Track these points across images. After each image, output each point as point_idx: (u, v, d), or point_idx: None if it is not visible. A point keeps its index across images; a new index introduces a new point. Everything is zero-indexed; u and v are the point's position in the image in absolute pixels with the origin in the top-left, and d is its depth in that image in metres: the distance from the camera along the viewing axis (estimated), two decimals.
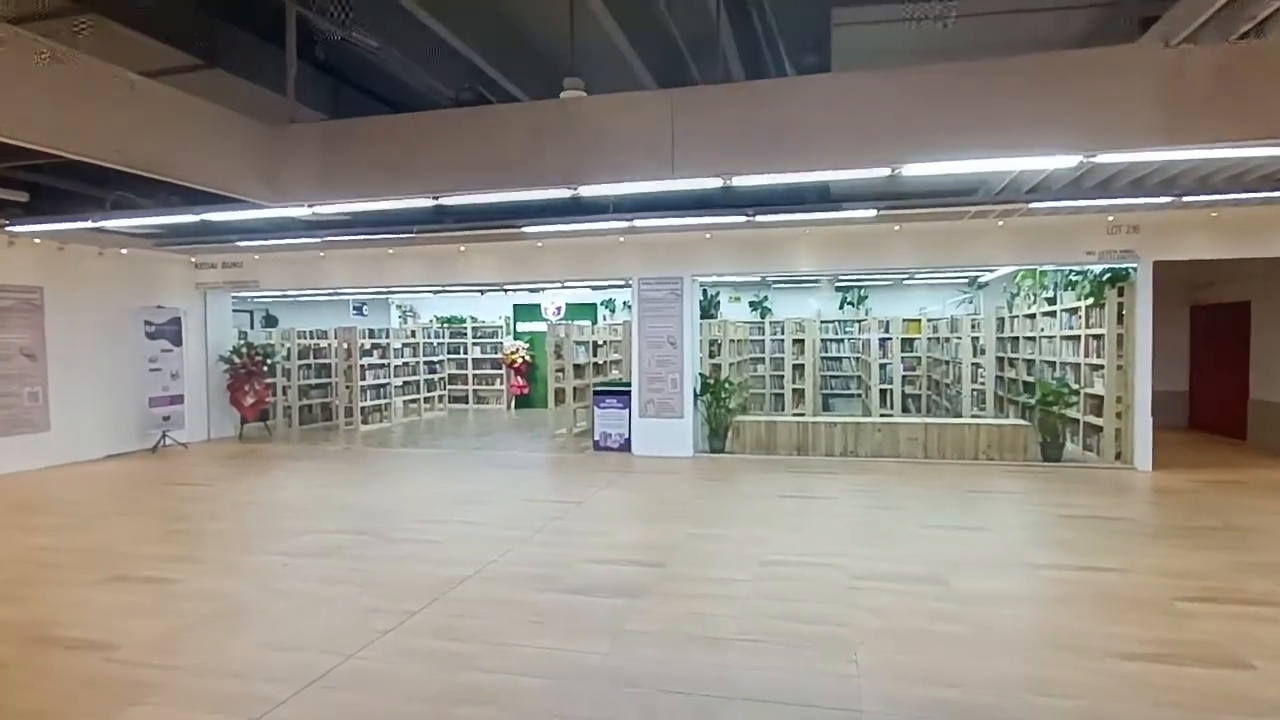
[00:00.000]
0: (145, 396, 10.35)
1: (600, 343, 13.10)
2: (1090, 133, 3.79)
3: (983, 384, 10.46)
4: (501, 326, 16.69)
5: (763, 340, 14.28)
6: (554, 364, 11.66)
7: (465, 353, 16.77)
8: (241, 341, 12.17)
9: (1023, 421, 9.11)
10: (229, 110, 4.42)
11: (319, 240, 8.46)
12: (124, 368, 10.18)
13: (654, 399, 9.71)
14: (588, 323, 14.95)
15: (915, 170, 4.86)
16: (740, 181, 5.21)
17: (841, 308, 14.88)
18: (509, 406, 16.40)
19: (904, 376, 11.10)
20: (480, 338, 16.81)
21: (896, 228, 8.68)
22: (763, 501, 6.93)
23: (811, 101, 4.09)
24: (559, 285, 14.51)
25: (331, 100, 5.27)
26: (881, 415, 10.40)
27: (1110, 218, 8.18)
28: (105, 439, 9.94)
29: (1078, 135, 3.83)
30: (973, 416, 10.21)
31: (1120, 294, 8.46)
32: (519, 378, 16.32)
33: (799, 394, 12.23)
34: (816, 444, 9.33)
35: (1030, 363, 10.70)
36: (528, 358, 16.21)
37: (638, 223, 7.41)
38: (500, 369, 16.56)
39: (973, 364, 10.48)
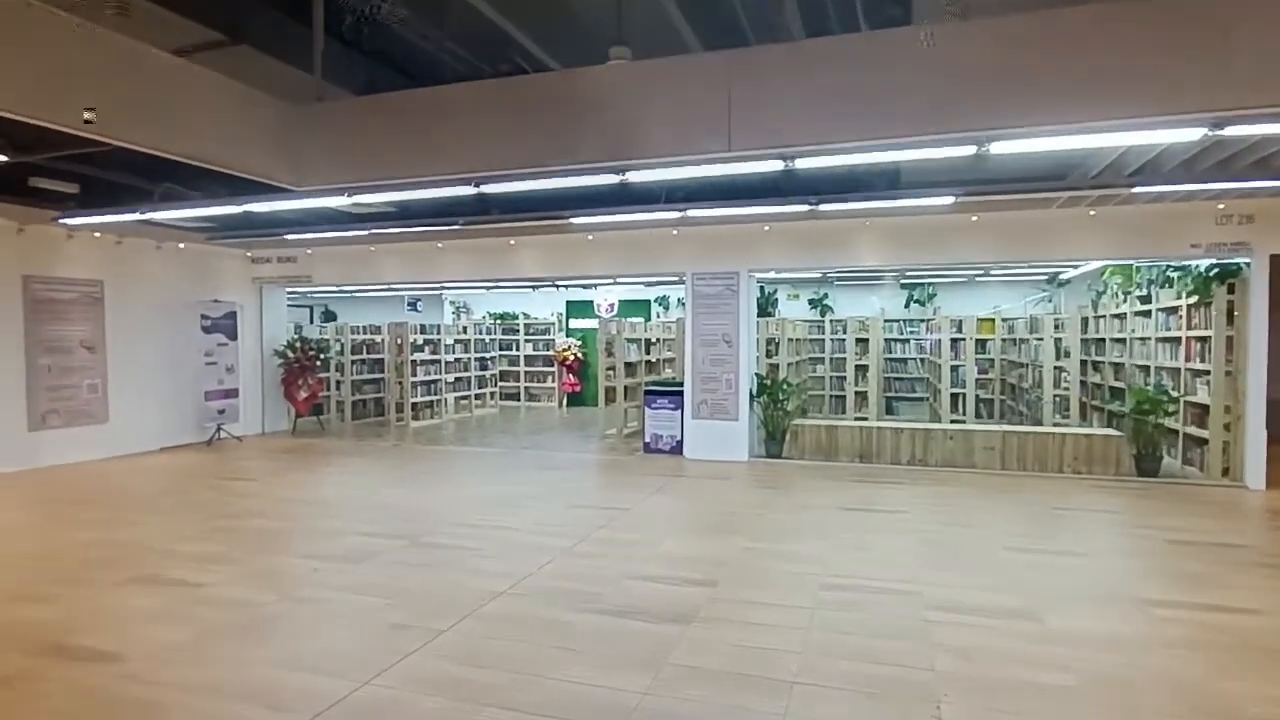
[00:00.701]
0: (201, 390, 10.44)
1: (653, 340, 12.70)
2: (1234, 91, 3.16)
3: (1066, 389, 9.63)
4: (554, 323, 16.46)
5: (822, 340, 13.63)
6: (605, 362, 11.31)
7: (518, 349, 16.60)
8: (295, 336, 12.22)
9: (1114, 431, 8.29)
10: (248, 87, 4.18)
11: (366, 233, 8.29)
12: (180, 361, 10.29)
13: (707, 400, 9.24)
14: (640, 320, 14.54)
15: (1007, 148, 4.29)
16: (805, 163, 4.72)
17: (907, 306, 14.08)
18: (560, 404, 16.16)
19: (976, 380, 10.32)
20: (533, 334, 16.62)
21: (974, 218, 7.99)
22: (824, 514, 6.40)
23: (889, 61, 3.56)
24: (609, 281, 14.17)
25: (362, 80, 5.00)
26: (953, 421, 9.69)
27: (1221, 205, 7.32)
28: (161, 431, 10.06)
29: (1215, 95, 3.21)
30: (1054, 425, 9.40)
31: (1230, 291, 7.58)
32: (571, 375, 16.06)
33: (861, 397, 11.56)
34: (882, 451, 8.70)
35: (1118, 367, 9.80)
36: (580, 355, 15.93)
37: (691, 213, 6.96)
38: (552, 366, 16.34)
39: (1055, 367, 9.65)
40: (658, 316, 15.92)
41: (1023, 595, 4.35)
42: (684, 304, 12.61)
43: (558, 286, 15.23)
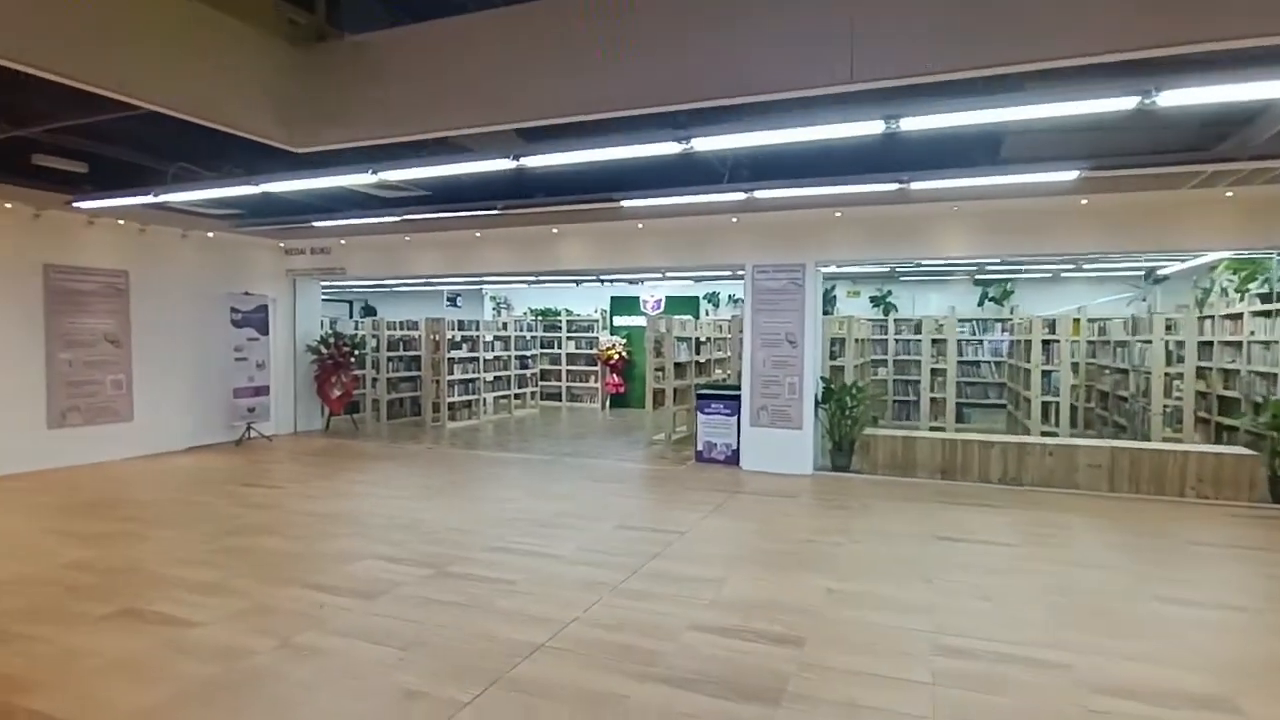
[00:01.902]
0: (230, 387, 9.95)
1: (703, 339, 11.81)
2: None
3: (1179, 399, 8.46)
4: (598, 320, 15.71)
5: (885, 340, 12.57)
6: (653, 362, 10.48)
7: (559, 347, 15.90)
8: (329, 331, 11.70)
9: (1246, 450, 7.13)
10: (231, 18, 3.45)
11: (398, 219, 7.61)
12: (209, 356, 9.80)
13: (768, 406, 8.34)
14: (688, 318, 13.67)
15: (1180, 98, 3.34)
16: (912, 123, 3.82)
17: (981, 304, 12.94)
18: (603, 406, 15.41)
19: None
20: (575, 332, 15.90)
21: (1083, 201, 6.92)
22: (916, 545, 5.47)
23: None
24: (660, 275, 13.33)
25: (371, 17, 4.24)
26: (1044, 433, 8.60)
27: None
28: (188, 430, 9.58)
29: None
30: (1165, 440, 8.26)
31: None
32: (615, 375, 15.29)
33: (935, 405, 10.48)
34: (967, 467, 7.69)
35: (1232, 374, 8.58)
36: (625, 354, 15.15)
37: (759, 194, 6.08)
38: (595, 365, 15.59)
39: (1165, 375, 8.49)
40: (706, 314, 15.04)
41: (1202, 669, 3.38)
42: (737, 300, 11.73)
43: (602, 281, 14.48)
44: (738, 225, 8.26)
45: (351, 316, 18.33)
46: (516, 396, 13.96)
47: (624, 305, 15.73)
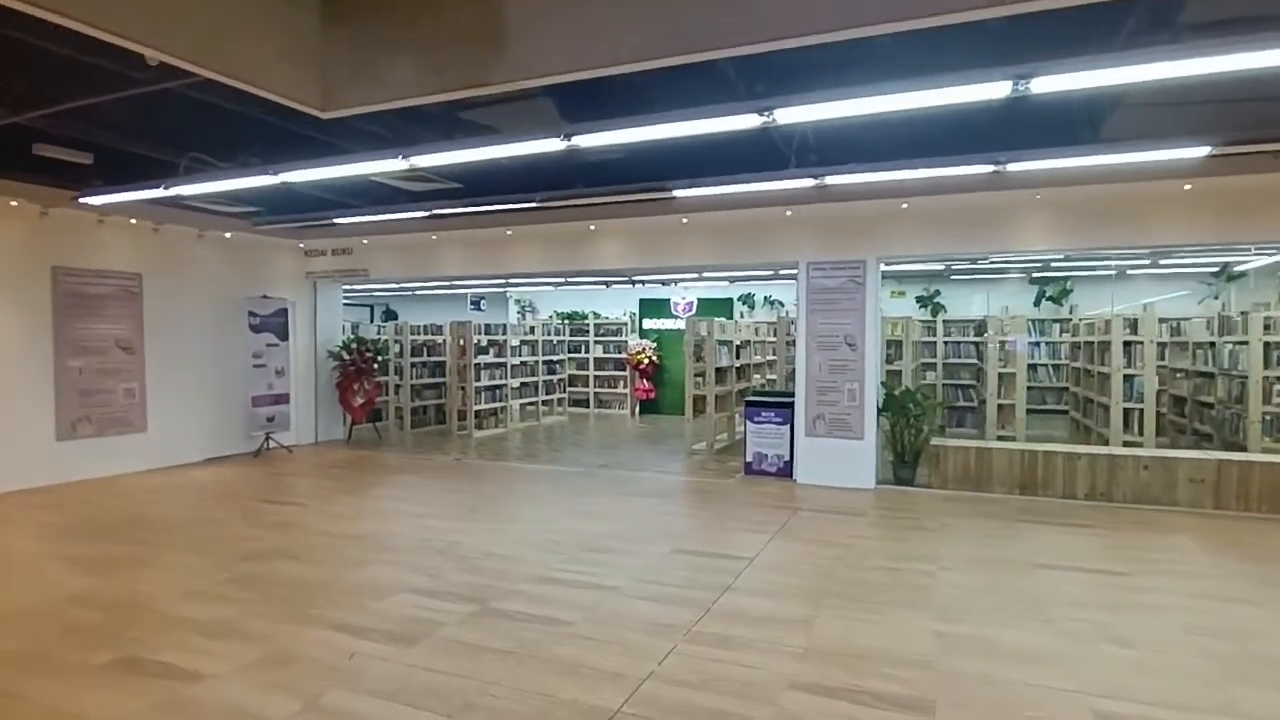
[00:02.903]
0: (249, 395, 9.45)
1: (741, 343, 11.17)
2: None
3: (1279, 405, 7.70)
4: (626, 323, 15.12)
5: (934, 343, 11.85)
6: (693, 367, 9.86)
7: (586, 351, 15.32)
8: (351, 336, 11.19)
9: None
10: None
11: (426, 214, 7.05)
12: (227, 363, 9.31)
13: (824, 414, 7.69)
14: (726, 320, 13.04)
15: None
16: (1047, 83, 3.18)
17: (1038, 304, 12.18)
18: (633, 413, 14.80)
19: (1140, 394, 8.42)
20: (603, 335, 15.31)
21: (1186, 186, 6.23)
22: (1016, 574, 4.79)
23: None
24: (696, 275, 12.70)
25: None
26: (1126, 443, 7.87)
27: None
28: (205, 441, 9.09)
29: None
30: (1264, 450, 7.50)
31: None
32: (645, 381, 14.67)
33: (1002, 411, 9.71)
34: (1050, 481, 6.98)
35: None
36: (655, 359, 14.53)
37: (830, 180, 5.44)
38: (624, 370, 14.99)
39: (1264, 378, 7.73)
40: (741, 317, 14.39)
41: None
42: (774, 302, 11.11)
43: (634, 283, 13.88)
44: (792, 219, 7.63)
45: (372, 321, 17.90)
46: (544, 403, 13.38)
47: (653, 308, 15.12)
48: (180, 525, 6.04)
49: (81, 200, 6.38)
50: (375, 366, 10.85)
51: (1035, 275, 11.91)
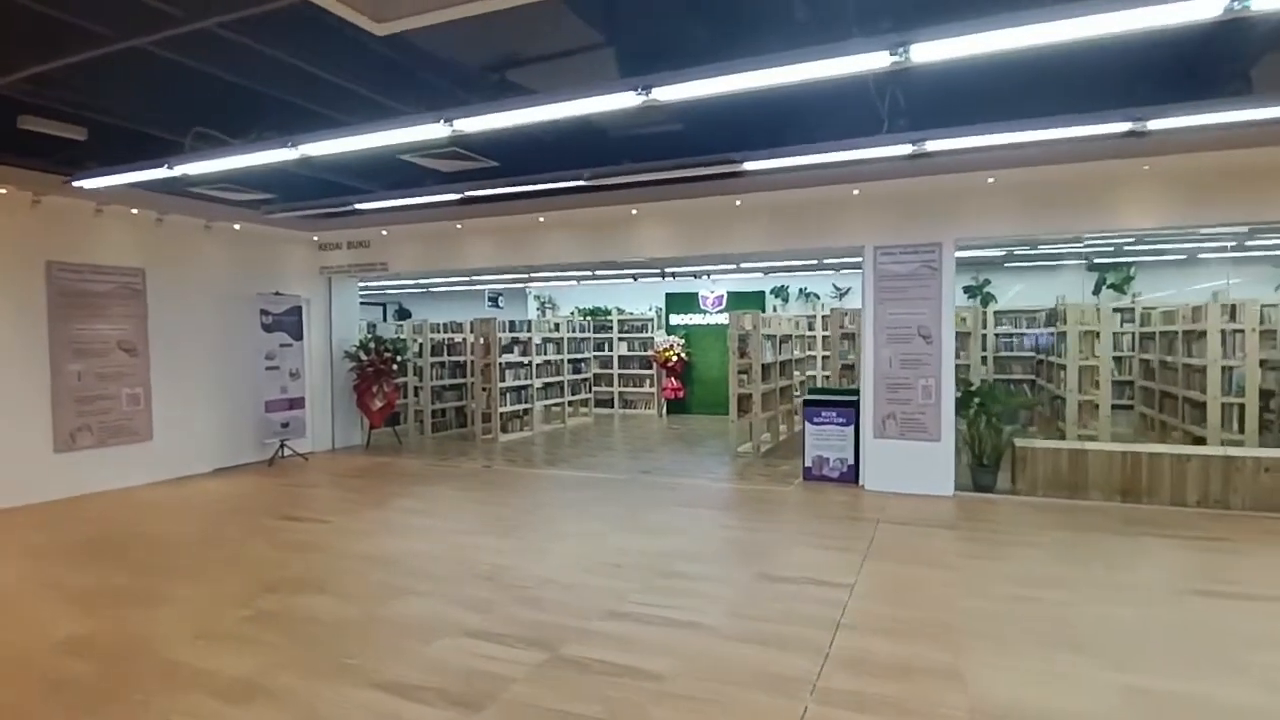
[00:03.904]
0: (261, 400, 8.77)
1: (782, 337, 10.44)
2: None
3: None
4: (652, 319, 14.41)
5: (984, 334, 11.12)
6: (737, 364, 9.15)
7: (610, 349, 14.62)
8: (369, 336, 10.52)
9: None
10: None
11: (459, 197, 6.35)
12: (238, 365, 8.64)
13: (895, 414, 6.97)
14: (766, 312, 12.31)
15: None
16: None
17: (1097, 291, 11.43)
18: (661, 413, 14.10)
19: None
20: (627, 332, 14.61)
21: None
22: (1171, 604, 4.08)
23: None
24: (735, 267, 11.96)
25: None
26: (1225, 442, 7.13)
27: None
28: (215, 450, 8.42)
29: None
30: None
31: None
32: (673, 379, 13.96)
33: (1076, 407, 8.94)
34: (1156, 486, 6.26)
35: None
36: (683, 355, 13.82)
37: (931, 145, 4.71)
38: (650, 368, 14.29)
39: None
40: (774, 310, 13.67)
41: None
42: (809, 294, 10.57)
43: (664, 275, 13.16)
44: (859, 198, 6.91)
45: (385, 319, 17.24)
46: (570, 404, 12.68)
47: (681, 302, 14.41)
48: (190, 547, 5.36)
49: (75, 184, 5.70)
50: (395, 367, 10.17)
51: (1096, 261, 11.16)
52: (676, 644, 3.56)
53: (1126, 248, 9.93)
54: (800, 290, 13.59)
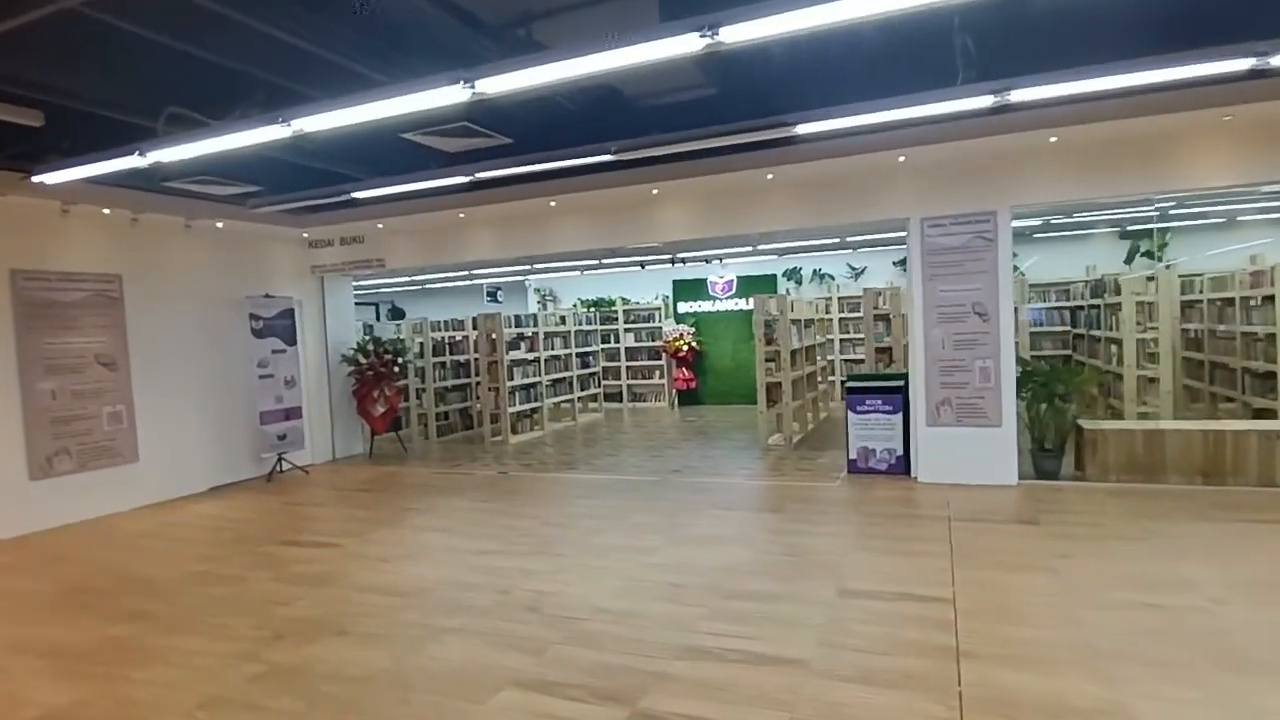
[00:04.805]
0: (255, 411, 8.12)
1: (806, 321, 9.88)
2: None
3: None
4: (660, 308, 13.81)
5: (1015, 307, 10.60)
6: (763, 350, 8.59)
7: (616, 341, 14.02)
8: (367, 337, 9.88)
9: None
10: None
11: (468, 180, 5.71)
12: (228, 375, 7.99)
13: (950, 399, 6.43)
14: (779, 296, 11.73)
15: None
16: None
17: (1130, 261, 10.93)
18: (672, 405, 13.53)
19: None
20: (633, 322, 14.01)
21: None
22: None
23: None
24: (752, 248, 11.34)
25: None
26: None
27: None
28: (208, 468, 7.78)
29: None
30: None
31: None
32: (684, 369, 13.39)
33: (1134, 384, 8.41)
34: (1242, 467, 5.76)
35: None
36: (694, 344, 13.24)
37: (1016, 95, 4.13)
38: (659, 359, 13.71)
39: None
40: (787, 294, 13.09)
41: None
42: (824, 276, 10.07)
43: (674, 262, 12.56)
44: (905, 165, 6.33)
45: (378, 319, 16.54)
46: (580, 400, 12.09)
47: (688, 289, 13.82)
48: (187, 587, 4.74)
49: (36, 179, 5.03)
50: (396, 370, 9.54)
51: (1129, 228, 10.65)
52: (774, 688, 2.99)
53: (1172, 212, 9.40)
54: (815, 272, 13.02)
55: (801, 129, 4.63)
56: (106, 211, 6.73)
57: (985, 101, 4.22)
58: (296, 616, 4.08)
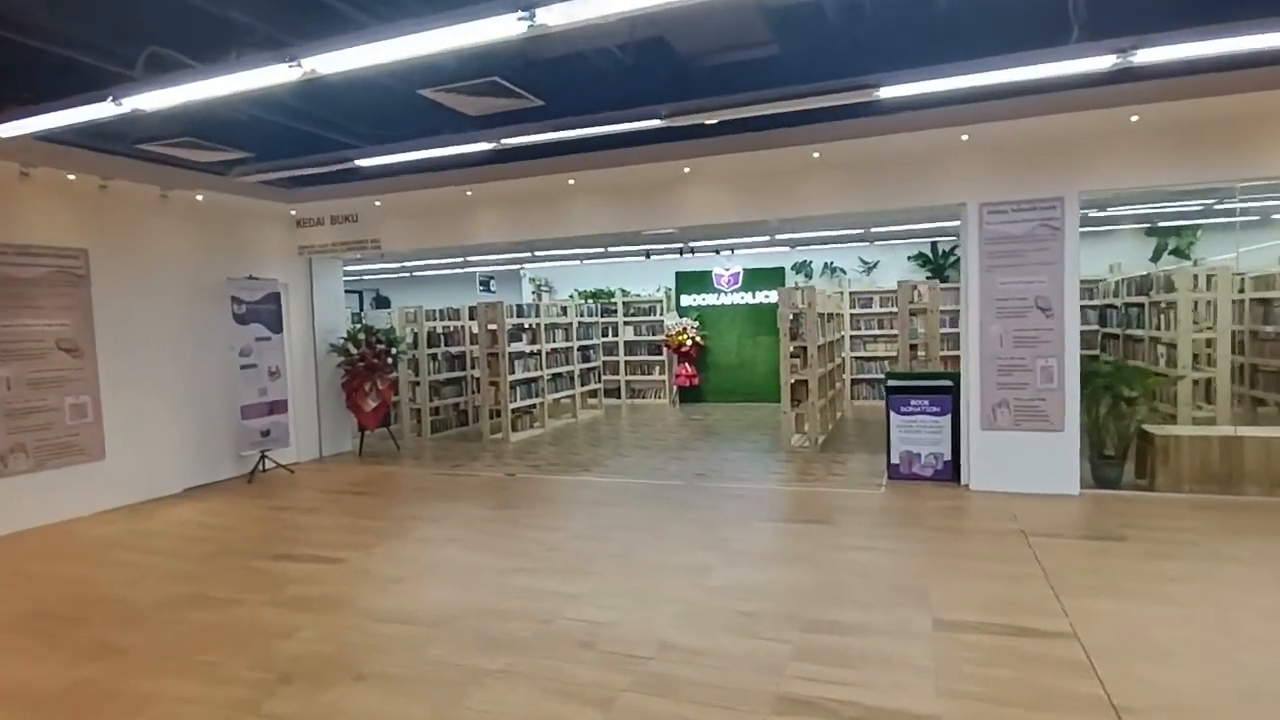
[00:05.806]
0: (236, 405, 7.39)
1: (828, 316, 9.35)
2: None
3: None
4: (661, 301, 13.23)
5: None
6: (788, 346, 8.05)
7: (615, 334, 13.41)
8: (358, 326, 9.16)
9: None
10: None
11: (493, 146, 5.04)
12: (206, 364, 7.25)
13: (1008, 400, 5.94)
14: (807, 288, 11.20)
15: None
16: None
17: (1156, 258, 10.59)
18: (673, 401, 12.97)
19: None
20: (633, 315, 13.41)
21: None
22: None
23: None
24: (769, 238, 10.78)
25: None
26: None
27: None
28: (183, 467, 7.05)
29: None
30: None
31: None
32: (687, 365, 12.82)
33: (1190, 387, 7.98)
34: None
35: None
36: (698, 339, 12.68)
37: (1142, 56, 3.61)
38: (660, 354, 13.13)
39: None
40: (795, 287, 12.59)
41: None
42: (835, 269, 9.63)
43: (682, 252, 11.98)
44: (967, 144, 5.81)
45: (362, 308, 15.76)
46: (580, 396, 11.46)
47: (692, 282, 13.23)
48: (168, 612, 4.06)
49: None
50: (390, 361, 8.83)
51: (1158, 224, 10.29)
52: None
53: (1214, 208, 9.04)
54: (826, 265, 12.53)
55: (884, 92, 4.07)
56: (72, 177, 5.96)
57: (1105, 63, 3.69)
58: (302, 653, 3.43)
